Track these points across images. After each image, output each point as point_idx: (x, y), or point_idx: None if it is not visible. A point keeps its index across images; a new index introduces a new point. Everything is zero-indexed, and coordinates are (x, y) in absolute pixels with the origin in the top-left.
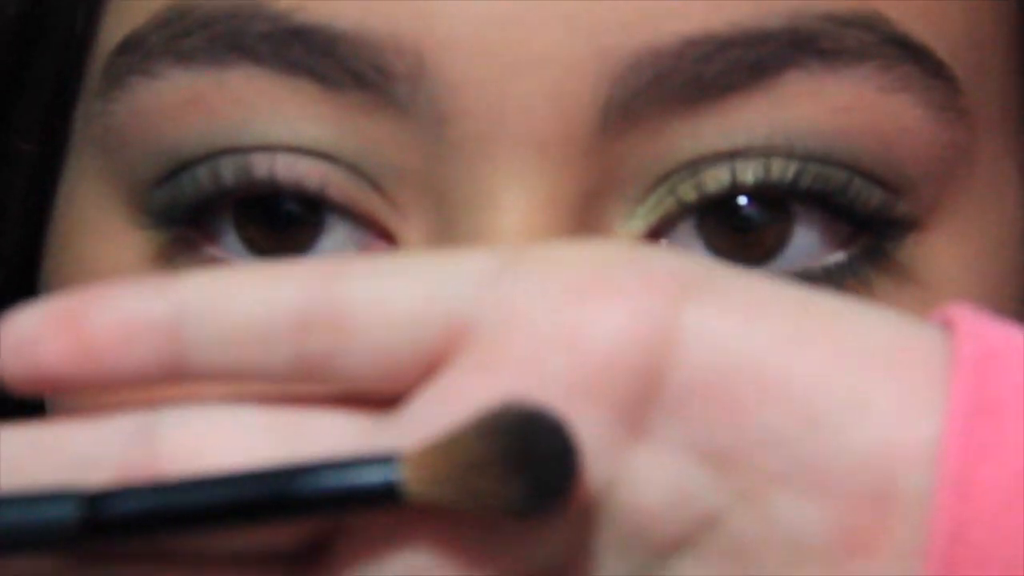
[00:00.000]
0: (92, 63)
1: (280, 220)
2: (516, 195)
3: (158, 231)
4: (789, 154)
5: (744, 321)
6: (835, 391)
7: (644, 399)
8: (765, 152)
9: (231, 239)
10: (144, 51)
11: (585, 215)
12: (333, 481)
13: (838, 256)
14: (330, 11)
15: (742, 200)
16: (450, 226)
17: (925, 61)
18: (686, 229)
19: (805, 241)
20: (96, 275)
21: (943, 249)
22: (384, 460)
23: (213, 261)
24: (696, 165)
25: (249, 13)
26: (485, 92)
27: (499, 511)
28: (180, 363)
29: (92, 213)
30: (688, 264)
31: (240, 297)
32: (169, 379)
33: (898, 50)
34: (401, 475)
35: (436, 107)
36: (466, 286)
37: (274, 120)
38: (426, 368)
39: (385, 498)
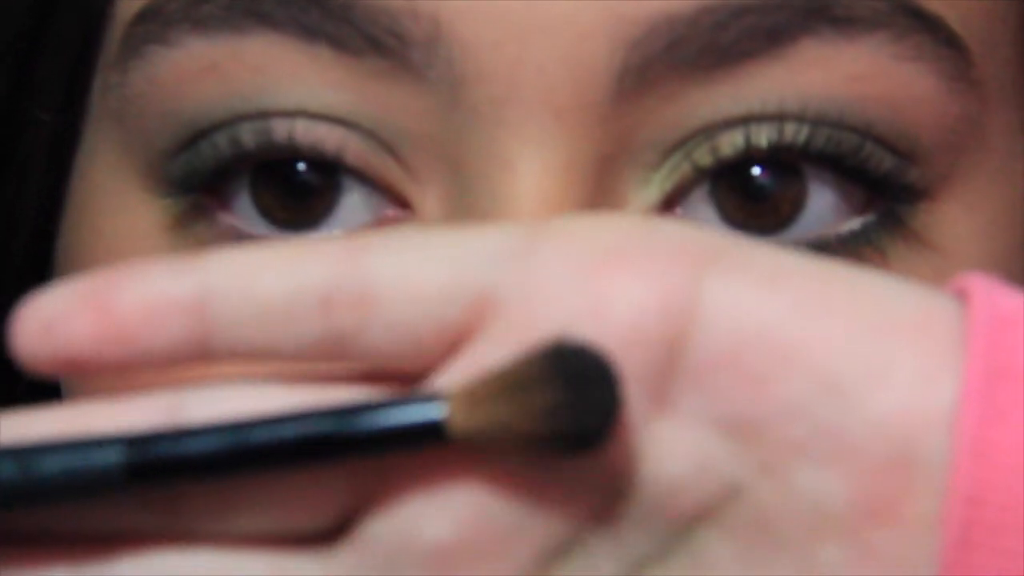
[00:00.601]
0: (110, 33)
1: (297, 189)
2: (531, 160)
3: (175, 200)
4: (801, 118)
5: (763, 291)
6: (854, 359)
7: (666, 370)
8: (779, 116)
9: (247, 208)
10: (161, 20)
11: (600, 181)
12: (380, 421)
13: (852, 224)
14: None
15: (756, 169)
16: (466, 191)
17: (937, 31)
18: (700, 196)
19: (819, 209)
20: (113, 246)
21: (955, 218)
22: (430, 398)
23: (230, 230)
24: (710, 131)
25: None
26: (501, 56)
27: (545, 440)
28: (206, 342)
29: (109, 184)
30: (707, 236)
31: (266, 275)
32: (196, 359)
33: (911, 19)
34: (446, 412)
35: (452, 72)
36: (489, 261)
37: (292, 86)
38: (450, 344)
39: (432, 435)
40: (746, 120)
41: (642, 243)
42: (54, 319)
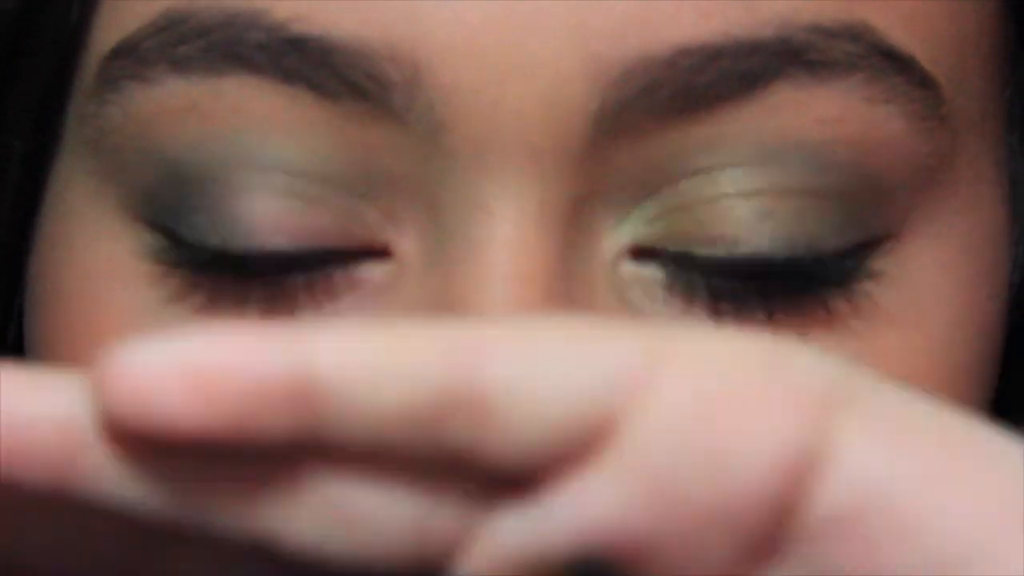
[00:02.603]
0: (86, 63)
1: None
2: (508, 204)
3: (152, 233)
4: (779, 215)
5: (893, 453)
6: (969, 542)
7: (779, 528)
8: (754, 223)
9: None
10: (138, 56)
11: (575, 223)
12: None
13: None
14: (326, 21)
15: None
16: (443, 235)
17: (911, 72)
18: (671, 256)
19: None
20: (88, 272)
21: (919, 254)
22: None
23: (221, 291)
24: (681, 186)
25: (246, 22)
26: (480, 98)
27: None
28: (314, 435)
29: (85, 210)
30: (838, 372)
31: (379, 370)
32: (299, 450)
33: (885, 61)
34: None
35: (432, 115)
36: (611, 383)
37: (270, 130)
38: (563, 463)
39: None
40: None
41: (771, 378)
42: (147, 386)
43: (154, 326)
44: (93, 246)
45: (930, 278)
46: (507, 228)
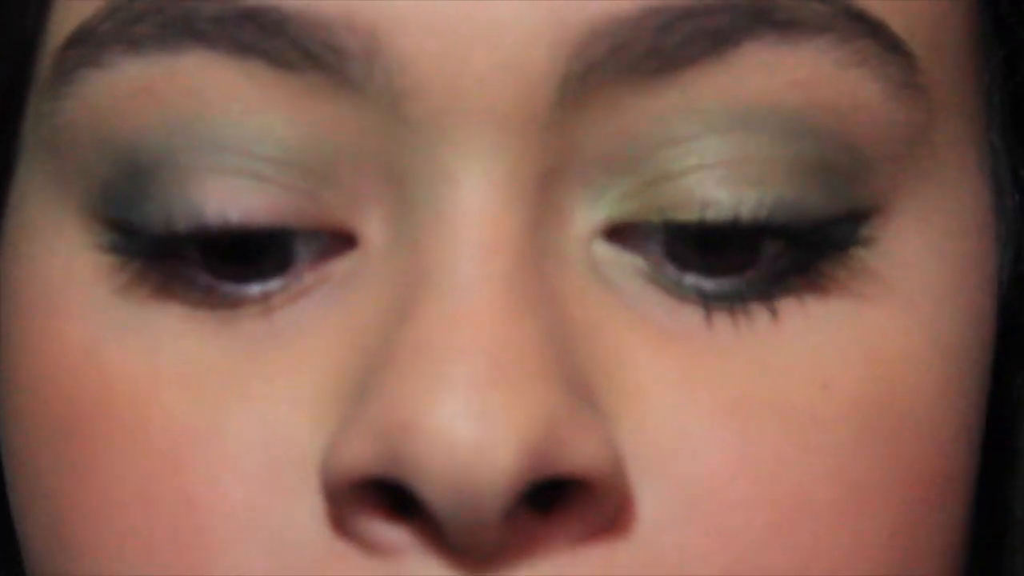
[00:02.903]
0: (41, 61)
1: (241, 253)
2: (474, 174)
3: (108, 231)
4: (760, 182)
5: None
6: None
7: None
8: (734, 189)
9: (193, 262)
10: (94, 41)
11: (544, 196)
12: None
13: (801, 258)
14: None
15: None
16: (409, 209)
17: (881, 36)
18: (649, 231)
19: (770, 254)
20: (49, 285)
21: (906, 229)
22: None
23: (176, 277)
24: (656, 154)
25: None
26: (440, 66)
27: None
28: None
29: (43, 221)
30: None
31: None
32: None
33: (854, 24)
34: None
35: (392, 85)
36: None
37: (228, 107)
38: None
39: None
40: (698, 173)
41: None
42: None
43: (105, 319)
44: (52, 255)
45: (918, 255)
46: (473, 197)
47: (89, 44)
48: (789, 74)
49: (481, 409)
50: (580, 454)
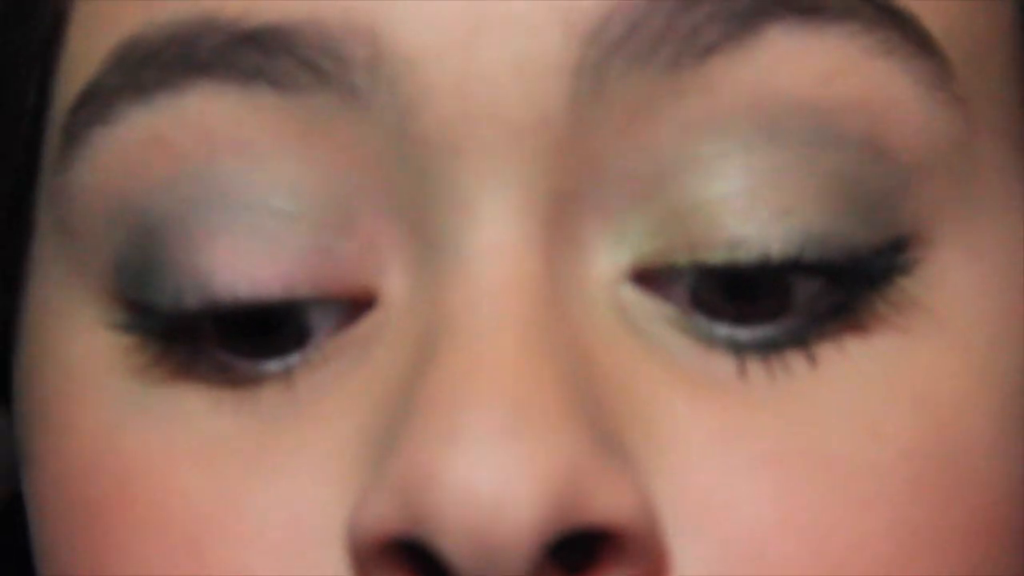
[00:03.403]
0: (50, 131)
1: (257, 327)
2: (490, 198)
3: (122, 310)
4: (789, 212)
5: None
6: None
7: None
8: (762, 224)
9: (210, 338)
10: (102, 97)
11: (564, 226)
12: None
13: (838, 296)
14: (280, 7)
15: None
16: (429, 253)
17: (909, 28)
18: (675, 274)
19: (805, 296)
20: (69, 368)
21: (952, 264)
22: None
23: (194, 356)
24: (678, 173)
25: (197, 29)
26: (446, 68)
27: None
28: None
29: (59, 300)
30: None
31: None
32: None
33: (880, 13)
34: None
35: (397, 94)
36: None
37: (237, 156)
38: None
39: None
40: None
41: None
42: None
43: (124, 403)
44: (70, 337)
45: (968, 288)
46: (490, 229)
47: (97, 101)
48: (815, 64)
49: (500, 460)
50: (607, 504)
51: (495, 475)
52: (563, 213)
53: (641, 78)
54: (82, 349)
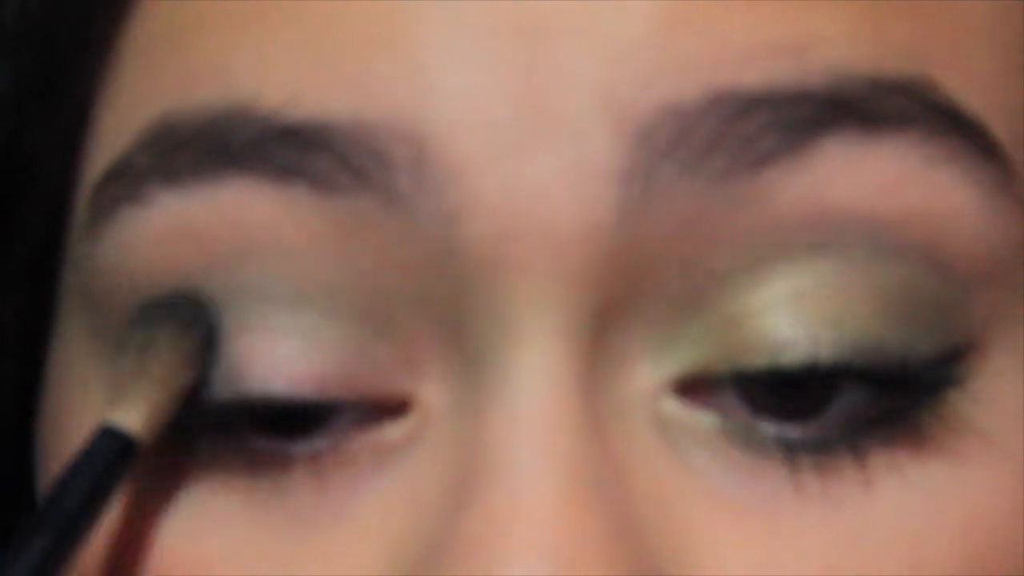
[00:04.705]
0: (77, 202)
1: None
2: (537, 319)
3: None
4: (838, 321)
5: None
6: None
7: None
8: (809, 329)
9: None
10: (132, 175)
11: (606, 340)
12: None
13: (883, 405)
14: (320, 102)
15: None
16: (470, 370)
17: (975, 136)
18: (718, 381)
19: (851, 398)
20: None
21: (1003, 375)
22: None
23: (218, 441)
24: (725, 283)
25: (234, 120)
26: (494, 177)
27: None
28: None
29: (83, 376)
30: None
31: None
32: None
33: (945, 120)
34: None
35: (443, 202)
36: None
37: (272, 252)
38: None
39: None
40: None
41: None
42: None
43: (150, 495)
44: (92, 416)
45: (1014, 401)
46: (536, 354)
47: (127, 178)
48: (874, 176)
49: None
50: None
51: None
52: (607, 326)
53: (691, 187)
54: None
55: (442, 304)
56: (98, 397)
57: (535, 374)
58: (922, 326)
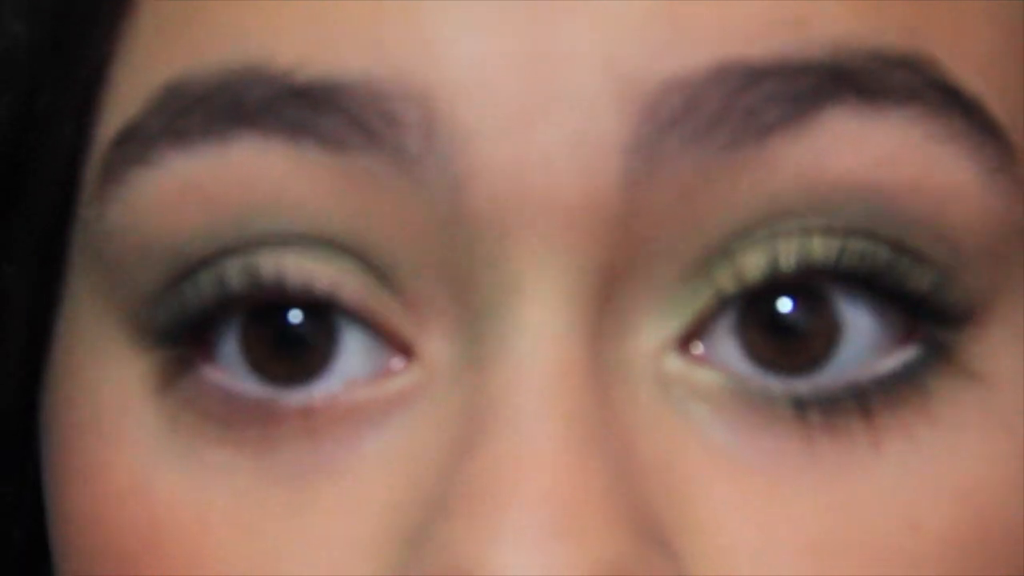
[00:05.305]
0: (88, 165)
1: (290, 339)
2: (539, 279)
3: (158, 353)
4: (830, 230)
5: None
6: None
7: None
8: (805, 231)
9: (236, 363)
10: (142, 138)
11: (611, 301)
12: None
13: (891, 361)
14: (333, 62)
15: (785, 302)
16: (475, 326)
17: (976, 114)
18: (724, 331)
19: (855, 344)
20: (97, 404)
21: (1003, 345)
22: None
23: (217, 388)
24: (730, 244)
25: (246, 80)
26: (502, 145)
27: None
28: None
29: (91, 336)
30: None
31: None
32: None
33: (946, 97)
34: None
35: (451, 168)
36: None
37: (280, 206)
38: None
39: None
40: (770, 228)
41: None
42: None
43: (153, 449)
44: (100, 374)
45: (1012, 372)
46: (540, 313)
47: (137, 141)
48: (875, 147)
49: (545, 562)
50: None
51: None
52: (611, 290)
53: (696, 156)
54: (114, 386)
55: (448, 263)
56: (105, 359)
57: (541, 330)
58: (932, 285)
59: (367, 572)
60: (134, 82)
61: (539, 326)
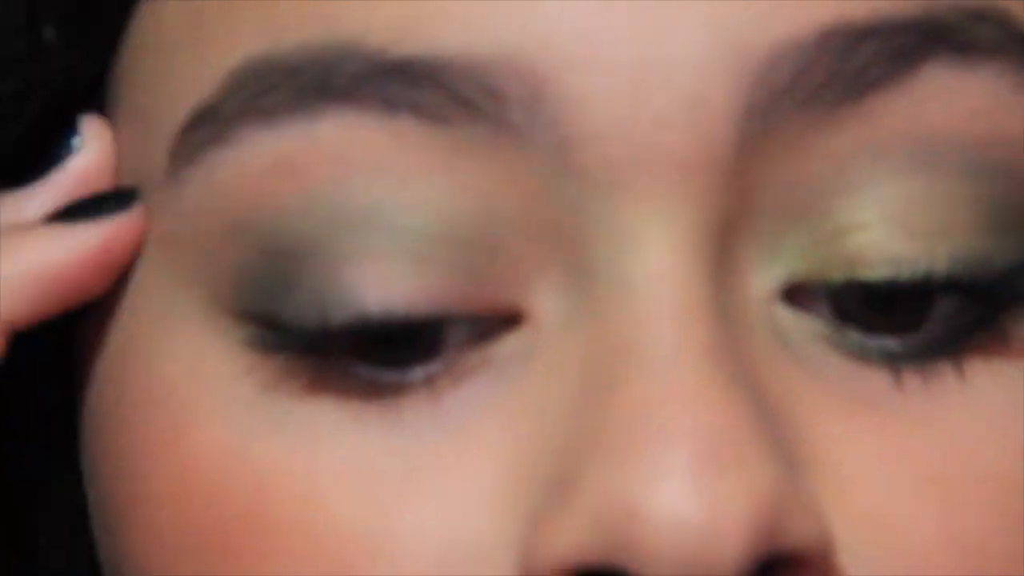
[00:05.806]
0: (153, 150)
1: (394, 342)
2: (658, 233)
3: (253, 326)
4: (946, 233)
5: None
6: None
7: None
8: (920, 244)
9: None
10: (221, 117)
11: (723, 252)
12: None
13: (980, 311)
14: (431, 38)
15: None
16: (587, 280)
17: None
18: (824, 291)
19: (946, 310)
20: (174, 386)
21: None
22: None
23: (329, 368)
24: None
25: (339, 55)
26: (612, 111)
27: None
28: None
29: (163, 317)
30: None
31: None
32: None
33: None
34: None
35: (558, 133)
36: None
37: (373, 178)
38: None
39: None
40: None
41: None
42: None
43: (251, 418)
44: (174, 353)
45: None
46: (659, 261)
47: (215, 121)
48: (969, 100)
49: (709, 493)
50: (801, 532)
51: (704, 508)
52: (723, 239)
53: (805, 117)
54: (190, 363)
55: (552, 224)
56: (184, 334)
57: (662, 275)
58: (1015, 239)
59: (491, 521)
60: (200, 65)
61: (662, 272)
